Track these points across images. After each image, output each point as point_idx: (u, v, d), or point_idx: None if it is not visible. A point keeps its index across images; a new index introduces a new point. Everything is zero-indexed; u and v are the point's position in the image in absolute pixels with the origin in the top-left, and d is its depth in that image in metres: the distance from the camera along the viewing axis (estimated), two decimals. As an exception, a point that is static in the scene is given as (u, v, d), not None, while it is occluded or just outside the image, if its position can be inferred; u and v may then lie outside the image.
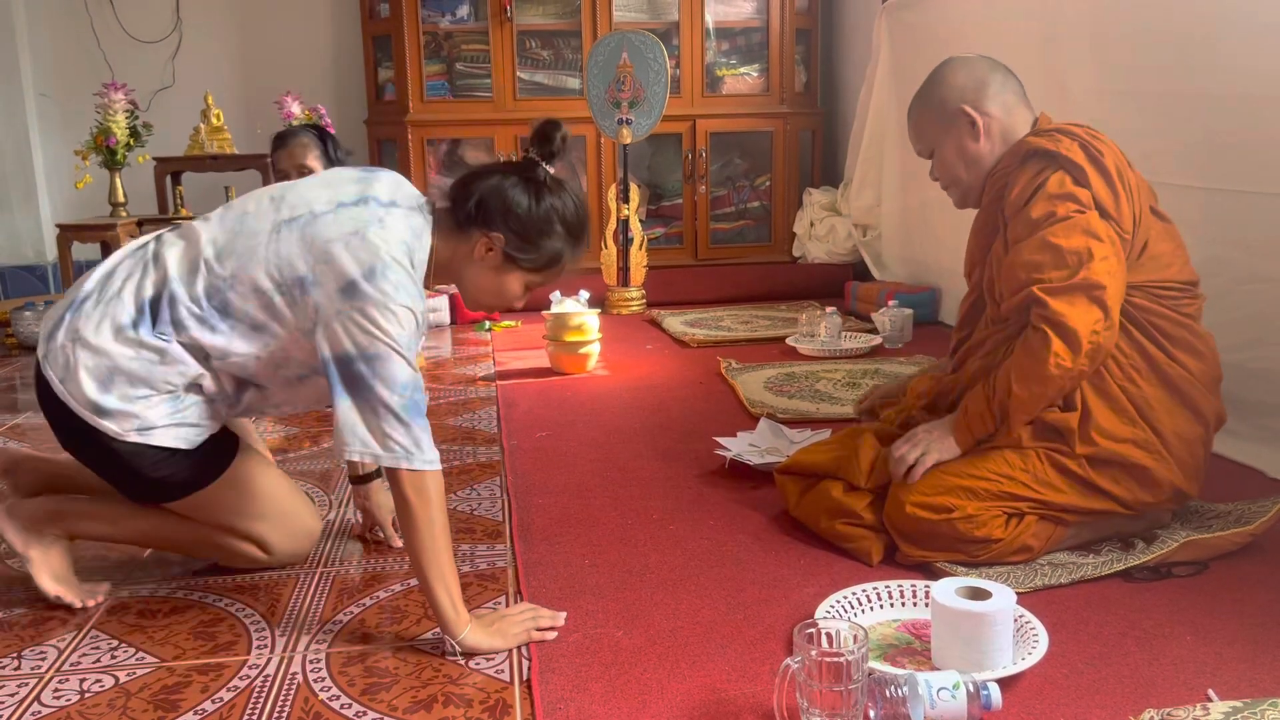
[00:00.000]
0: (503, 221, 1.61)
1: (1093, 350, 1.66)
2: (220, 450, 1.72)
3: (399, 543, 1.91)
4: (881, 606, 1.57)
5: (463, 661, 1.47)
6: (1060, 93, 2.95)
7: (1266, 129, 2.25)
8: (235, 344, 1.59)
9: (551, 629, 1.54)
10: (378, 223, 1.56)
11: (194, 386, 1.63)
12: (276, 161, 3.14)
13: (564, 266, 1.71)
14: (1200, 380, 1.76)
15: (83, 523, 1.75)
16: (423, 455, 1.50)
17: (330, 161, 3.14)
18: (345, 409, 1.49)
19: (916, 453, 1.76)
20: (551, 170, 1.65)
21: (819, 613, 1.53)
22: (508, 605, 1.64)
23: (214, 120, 4.51)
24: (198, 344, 1.59)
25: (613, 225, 4.40)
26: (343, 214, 1.58)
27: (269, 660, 1.50)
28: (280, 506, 1.79)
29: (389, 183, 1.66)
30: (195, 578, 1.80)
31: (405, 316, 1.51)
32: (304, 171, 3.06)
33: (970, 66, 1.90)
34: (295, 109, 4.33)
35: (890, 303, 3.64)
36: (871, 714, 1.24)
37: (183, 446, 1.63)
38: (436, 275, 1.67)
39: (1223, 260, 2.31)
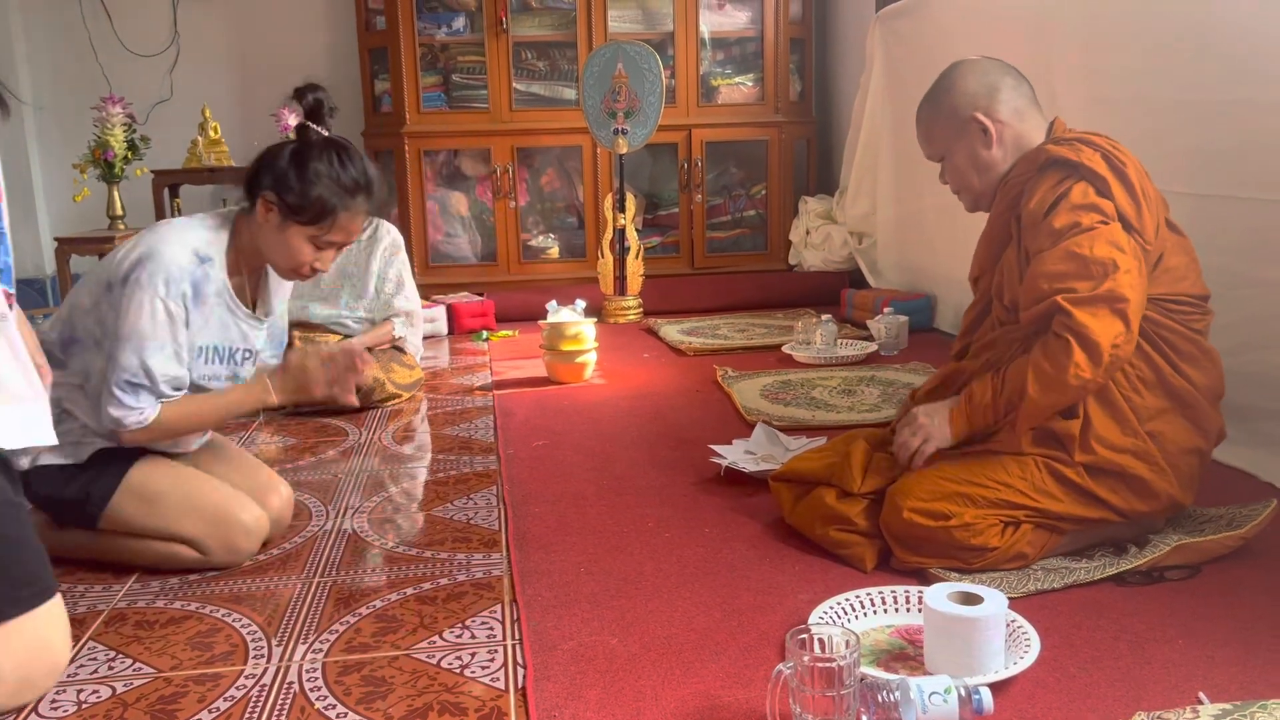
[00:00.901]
0: (270, 180, 1.81)
1: (1112, 363, 1.66)
2: (114, 458, 1.82)
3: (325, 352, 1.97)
4: (875, 612, 1.58)
5: (458, 669, 1.48)
6: (1051, 100, 2.96)
7: (1258, 134, 2.26)
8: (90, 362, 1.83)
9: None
10: (164, 224, 1.86)
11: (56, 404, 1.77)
12: None
13: (338, 218, 1.83)
14: (1204, 395, 1.76)
15: None
16: (137, 416, 1.77)
17: None
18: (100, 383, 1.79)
19: (918, 440, 1.77)
20: (324, 131, 1.86)
21: (812, 619, 1.53)
22: (503, 616, 1.65)
23: (211, 133, 4.53)
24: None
25: (609, 235, 4.42)
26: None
27: (265, 670, 1.50)
28: (197, 502, 1.84)
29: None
30: (192, 588, 1.81)
31: (153, 309, 1.74)
32: None
33: (981, 71, 1.88)
34: (292, 121, 4.32)
35: (886, 310, 3.66)
36: (864, 719, 1.25)
37: (69, 461, 1.79)
38: (243, 254, 1.88)
39: (1214, 265, 2.31)
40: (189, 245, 1.80)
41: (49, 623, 1.45)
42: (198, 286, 1.80)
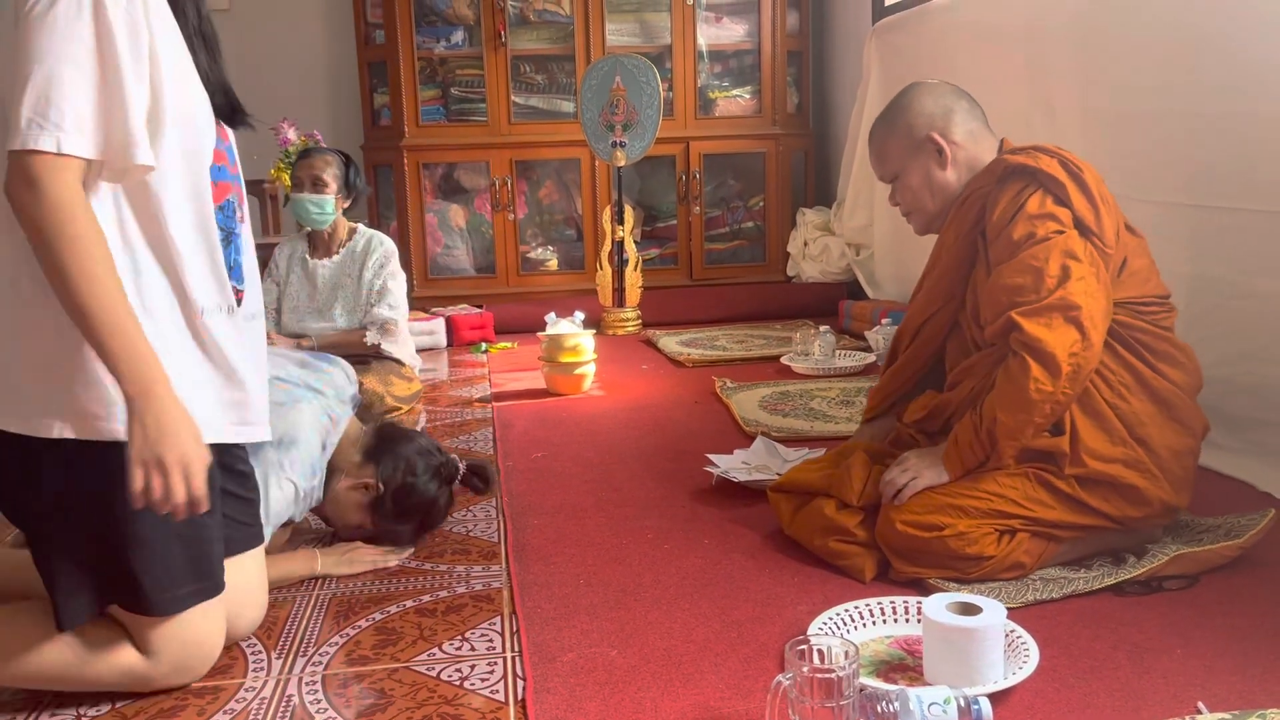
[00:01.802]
0: (391, 479, 1.92)
1: (1073, 372, 1.67)
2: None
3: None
4: (874, 623, 1.58)
5: (458, 682, 1.48)
6: (1046, 113, 2.98)
7: (1252, 146, 2.28)
8: None
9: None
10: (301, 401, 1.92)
11: None
12: (295, 170, 3.27)
13: (389, 538, 1.97)
14: (1185, 391, 1.77)
15: None
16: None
17: (347, 185, 3.25)
18: None
19: (906, 478, 1.77)
20: (452, 489, 2.03)
21: (811, 629, 1.54)
22: (503, 628, 1.65)
23: (211, 146, 4.54)
24: None
25: (608, 247, 4.43)
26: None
27: (265, 683, 1.50)
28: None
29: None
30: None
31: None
32: (317, 182, 3.18)
33: (936, 93, 1.92)
34: (292, 135, 4.36)
35: (883, 321, 3.67)
36: (863, 730, 1.25)
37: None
38: (331, 466, 1.94)
39: (1210, 277, 2.34)
40: (319, 432, 1.93)
41: (215, 617, 1.49)
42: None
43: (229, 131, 1.54)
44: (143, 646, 1.44)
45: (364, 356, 3.19)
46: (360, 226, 3.34)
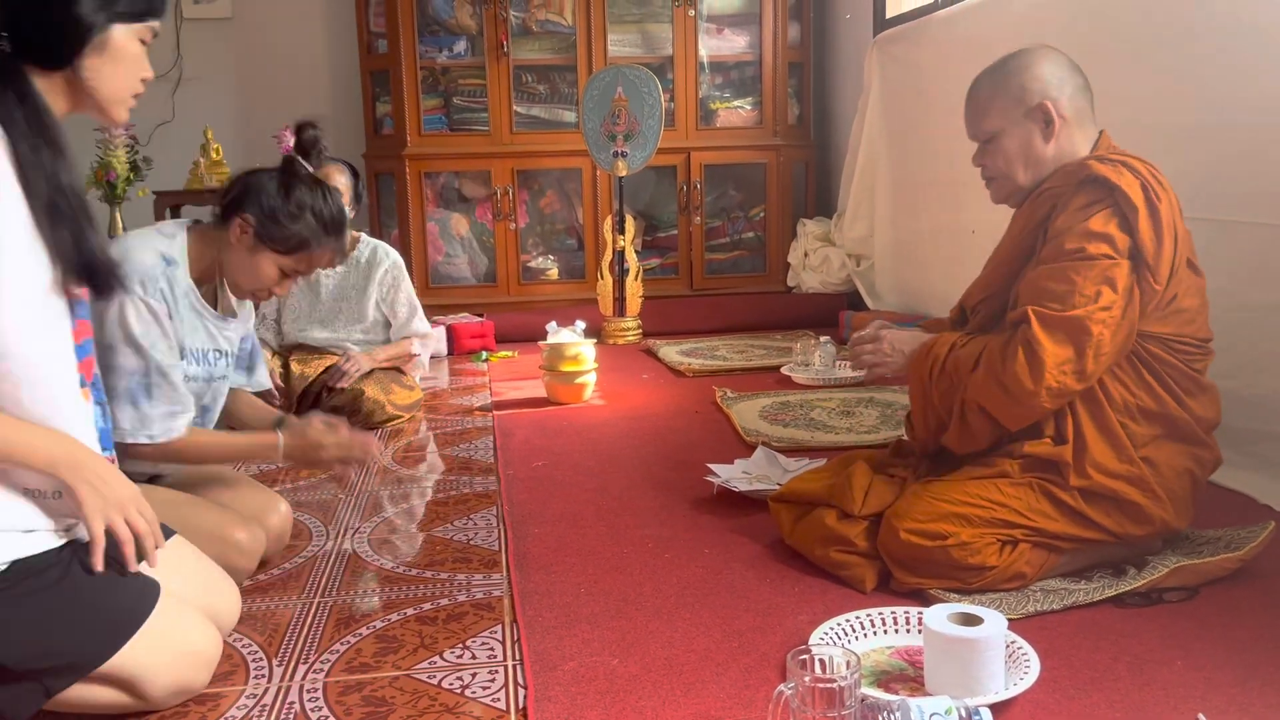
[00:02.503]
0: (255, 205, 1.86)
1: (1055, 389, 1.67)
2: None
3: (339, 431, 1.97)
4: (875, 633, 1.59)
5: (459, 690, 1.48)
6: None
7: (1254, 160, 2.29)
8: None
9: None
10: (124, 236, 1.90)
11: None
12: None
13: (313, 253, 1.92)
14: (1202, 425, 1.77)
15: None
16: (147, 430, 1.76)
17: (355, 195, 3.26)
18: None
19: (872, 360, 1.89)
20: (310, 167, 1.95)
21: (813, 639, 1.54)
22: (504, 636, 1.66)
23: (213, 154, 4.55)
24: None
25: (609, 256, 4.44)
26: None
27: (266, 690, 1.50)
28: (193, 524, 1.76)
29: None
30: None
31: (138, 308, 1.75)
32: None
33: (1056, 61, 1.82)
34: (293, 142, 4.37)
35: (884, 332, 3.67)
36: (865, 740, 1.25)
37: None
38: (198, 266, 1.88)
39: (1214, 288, 2.31)
40: (153, 249, 1.82)
41: (178, 621, 1.45)
42: (171, 285, 1.83)
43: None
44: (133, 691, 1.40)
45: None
46: (364, 236, 3.34)
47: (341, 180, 3.20)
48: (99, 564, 1.31)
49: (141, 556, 1.37)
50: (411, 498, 2.42)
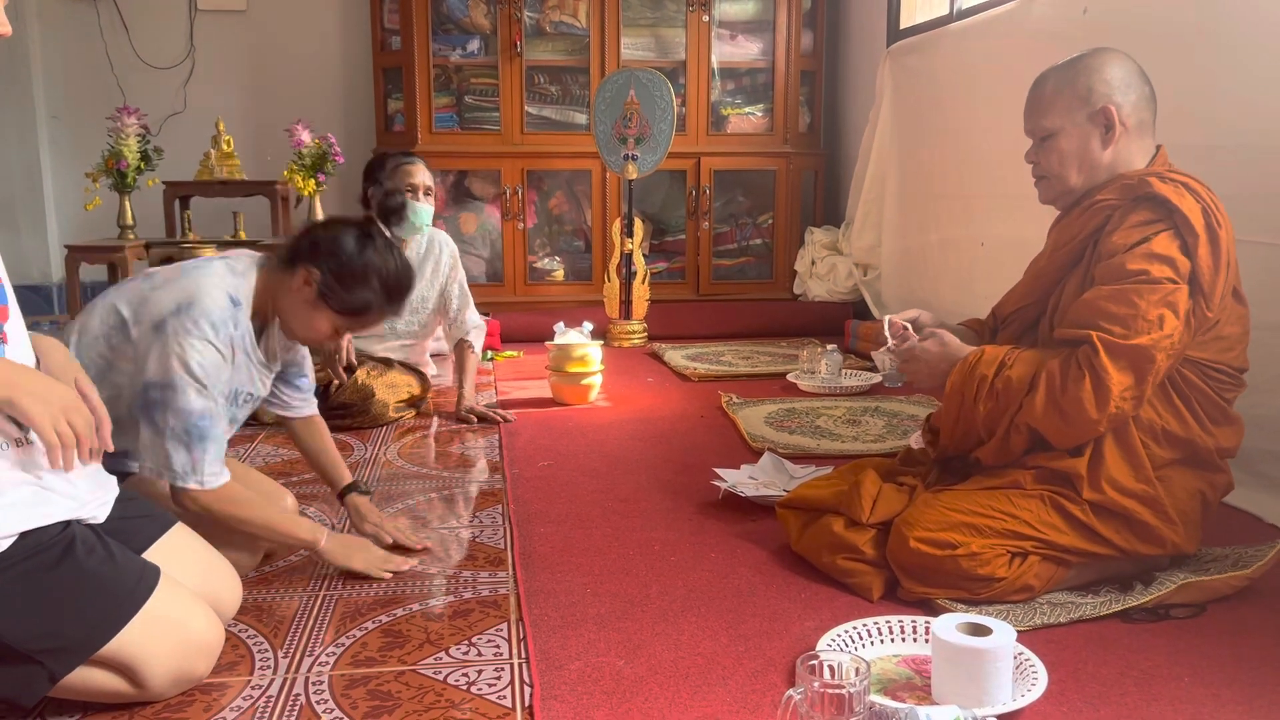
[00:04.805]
0: (325, 260, 1.80)
1: (1115, 414, 1.67)
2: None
3: (389, 539, 2.01)
4: (883, 641, 1.58)
5: (465, 686, 1.48)
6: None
7: (1261, 179, 2.29)
8: None
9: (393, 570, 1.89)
10: (195, 269, 1.79)
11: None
12: (387, 178, 3.14)
13: (372, 318, 1.88)
14: (1221, 453, 1.77)
15: None
16: (198, 475, 1.69)
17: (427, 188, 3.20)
18: (143, 431, 1.69)
19: (907, 369, 1.89)
20: (388, 233, 1.86)
21: (820, 646, 1.54)
22: (509, 634, 1.65)
23: (224, 146, 4.56)
24: None
25: (616, 259, 4.45)
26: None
27: (272, 681, 1.50)
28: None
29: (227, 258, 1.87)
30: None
31: (205, 351, 1.70)
32: (427, 191, 3.16)
33: (1126, 67, 1.79)
34: (306, 137, 4.38)
35: (892, 343, 3.66)
36: (872, 747, 1.25)
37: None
38: (254, 305, 1.83)
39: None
40: (224, 289, 1.77)
41: (178, 606, 1.44)
42: (235, 326, 1.78)
43: None
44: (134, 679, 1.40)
45: (387, 360, 3.20)
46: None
47: (426, 177, 3.18)
48: (58, 462, 1.31)
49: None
50: (416, 493, 2.42)
